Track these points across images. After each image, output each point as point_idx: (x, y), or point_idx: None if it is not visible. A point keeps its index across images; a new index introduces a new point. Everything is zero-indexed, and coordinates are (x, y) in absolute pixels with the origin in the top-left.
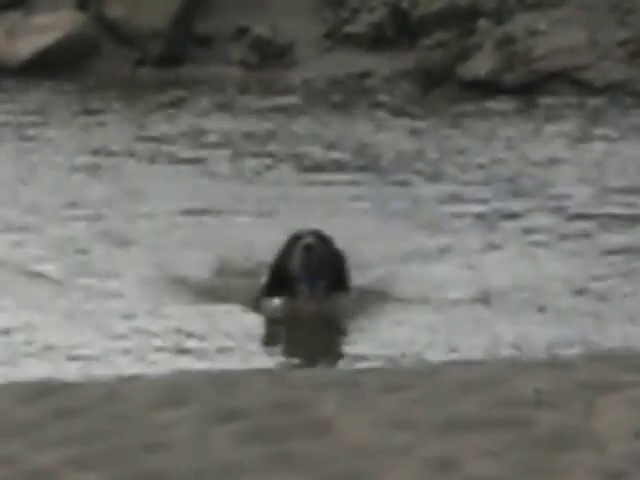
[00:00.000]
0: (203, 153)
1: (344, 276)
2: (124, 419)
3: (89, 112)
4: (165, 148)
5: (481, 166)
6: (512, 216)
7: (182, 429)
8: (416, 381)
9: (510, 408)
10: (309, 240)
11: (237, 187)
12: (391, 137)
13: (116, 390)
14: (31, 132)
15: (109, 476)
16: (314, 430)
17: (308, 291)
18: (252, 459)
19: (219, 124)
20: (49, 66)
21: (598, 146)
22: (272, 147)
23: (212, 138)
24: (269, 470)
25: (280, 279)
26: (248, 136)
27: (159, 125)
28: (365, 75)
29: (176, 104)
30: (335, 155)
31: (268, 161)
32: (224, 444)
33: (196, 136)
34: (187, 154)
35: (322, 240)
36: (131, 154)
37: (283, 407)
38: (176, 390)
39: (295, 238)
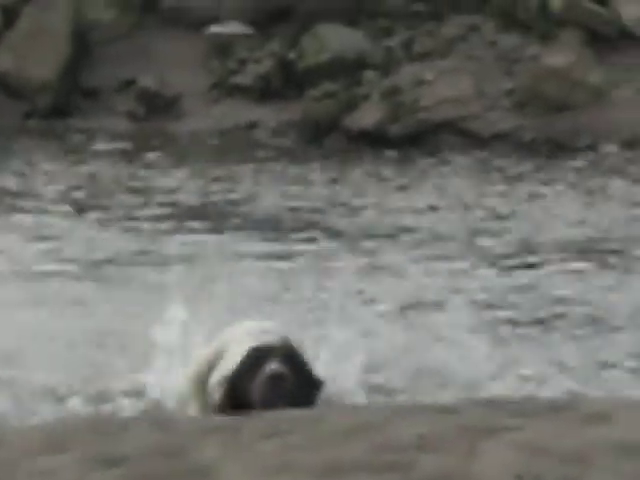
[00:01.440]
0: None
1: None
2: (5, 465)
3: None
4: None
5: (349, 213)
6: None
7: (62, 475)
8: (297, 427)
9: (391, 452)
10: (277, 368)
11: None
12: (266, 186)
13: (2, 436)
14: None
15: None
16: (194, 475)
17: None
18: None
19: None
20: None
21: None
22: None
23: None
24: None
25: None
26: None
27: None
28: (252, 126)
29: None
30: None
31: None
32: None
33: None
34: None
35: (292, 362)
36: None
37: (164, 453)
38: (57, 436)
39: (258, 357)
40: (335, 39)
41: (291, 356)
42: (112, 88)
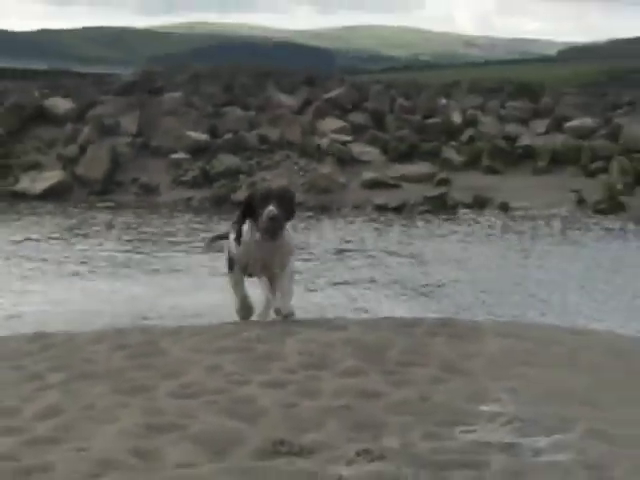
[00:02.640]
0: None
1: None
2: (72, 349)
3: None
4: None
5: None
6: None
7: (100, 355)
8: (205, 331)
9: (238, 342)
10: (274, 212)
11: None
12: (190, 227)
13: (72, 336)
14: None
15: (66, 374)
16: (159, 353)
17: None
18: (132, 366)
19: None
20: (49, 196)
21: None
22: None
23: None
24: (140, 371)
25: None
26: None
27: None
28: (190, 200)
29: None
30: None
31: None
32: (120, 360)
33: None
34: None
35: (283, 204)
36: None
37: (146, 343)
38: (97, 335)
39: (265, 198)
40: (227, 160)
41: (283, 200)
42: (128, 182)
